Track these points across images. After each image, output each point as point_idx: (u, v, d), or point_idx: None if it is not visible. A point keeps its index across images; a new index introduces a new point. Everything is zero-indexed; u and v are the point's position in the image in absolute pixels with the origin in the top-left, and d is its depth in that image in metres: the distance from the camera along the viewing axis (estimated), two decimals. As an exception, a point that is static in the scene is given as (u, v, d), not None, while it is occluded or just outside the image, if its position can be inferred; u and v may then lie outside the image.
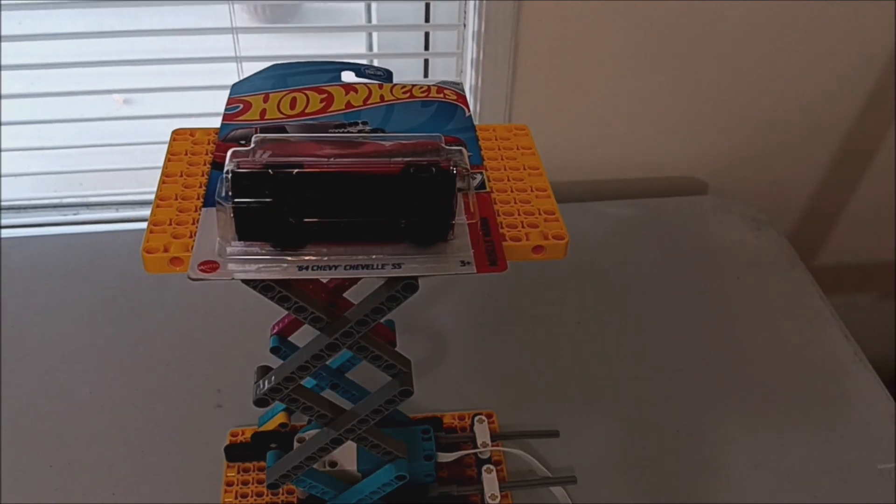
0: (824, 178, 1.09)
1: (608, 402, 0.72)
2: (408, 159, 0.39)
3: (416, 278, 0.42)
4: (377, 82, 0.49)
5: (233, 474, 0.64)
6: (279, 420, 0.64)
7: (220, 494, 0.63)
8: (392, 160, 0.39)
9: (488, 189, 0.44)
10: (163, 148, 0.46)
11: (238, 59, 0.85)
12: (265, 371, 0.48)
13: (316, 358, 0.45)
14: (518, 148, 0.48)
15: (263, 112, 0.46)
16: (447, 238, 0.40)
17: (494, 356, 0.76)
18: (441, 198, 0.39)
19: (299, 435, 0.61)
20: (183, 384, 0.72)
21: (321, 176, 0.38)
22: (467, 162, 0.40)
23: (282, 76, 0.48)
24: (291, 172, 0.38)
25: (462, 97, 0.48)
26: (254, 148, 0.39)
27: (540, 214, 0.43)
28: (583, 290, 0.84)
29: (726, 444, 0.69)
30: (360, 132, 0.45)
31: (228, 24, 0.84)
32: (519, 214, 0.43)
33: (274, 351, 0.58)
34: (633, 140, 1.01)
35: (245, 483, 0.64)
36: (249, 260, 0.39)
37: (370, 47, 0.96)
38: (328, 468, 0.57)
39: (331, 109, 0.46)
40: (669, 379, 0.74)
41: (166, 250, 0.39)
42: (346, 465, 0.58)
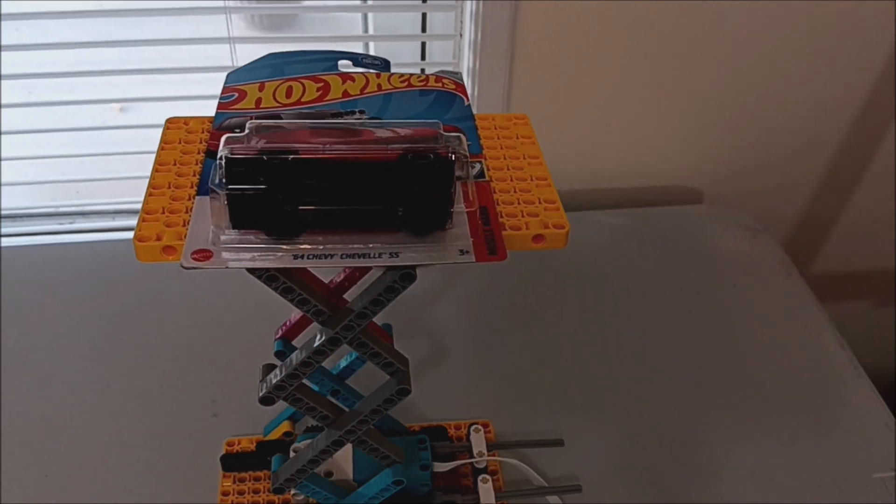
0: (819, 187, 1.09)
1: (605, 410, 0.71)
2: (405, 146, 0.38)
3: (414, 268, 0.41)
4: (374, 71, 0.48)
5: (229, 484, 0.64)
6: (284, 429, 0.64)
7: (216, 504, 0.62)
8: (389, 147, 0.38)
9: (487, 178, 0.43)
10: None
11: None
12: (270, 369, 0.47)
13: (318, 353, 0.44)
14: (518, 137, 0.47)
15: (259, 101, 0.45)
16: (446, 227, 0.40)
17: (492, 364, 0.76)
18: (439, 185, 0.39)
19: (295, 445, 0.60)
20: (179, 393, 0.71)
21: (317, 162, 0.37)
22: (466, 149, 0.39)
23: (278, 65, 0.47)
24: (286, 158, 0.37)
25: (461, 86, 0.48)
26: (248, 134, 0.38)
27: (540, 203, 0.43)
28: (580, 299, 0.83)
29: (722, 452, 0.68)
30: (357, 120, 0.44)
31: (225, 34, 0.84)
32: (519, 203, 0.42)
33: (278, 355, 0.58)
34: (630, 149, 1.01)
35: (241, 493, 0.63)
36: (244, 248, 0.38)
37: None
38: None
39: (327, 98, 0.45)
40: (666, 387, 0.74)
41: (159, 238, 0.38)
42: (343, 475, 0.58)
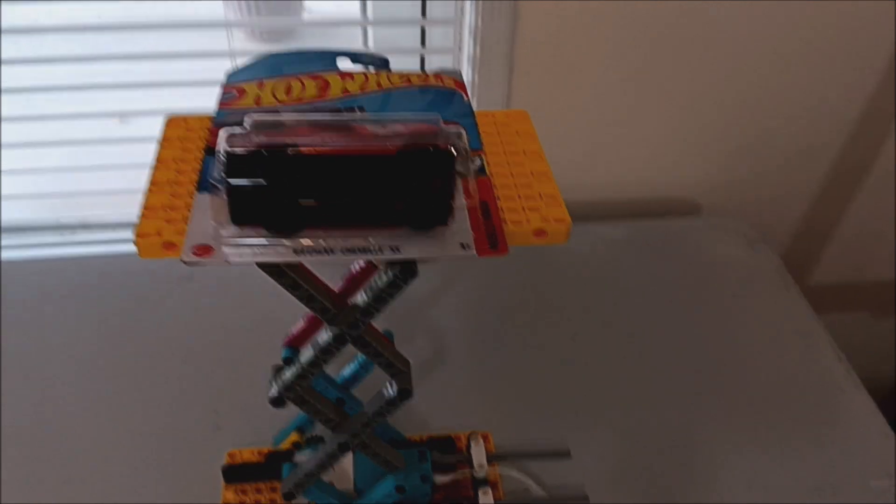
0: (817, 198, 1.09)
1: (605, 420, 0.71)
2: (405, 140, 0.38)
3: (416, 263, 0.41)
4: (374, 69, 0.48)
5: (230, 495, 0.63)
6: (292, 439, 0.64)
7: (218, 515, 0.62)
8: (389, 141, 0.38)
9: (488, 173, 0.43)
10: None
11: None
12: (279, 370, 0.48)
13: (325, 352, 0.45)
14: (517, 133, 0.47)
15: (258, 99, 0.45)
16: (447, 221, 0.40)
17: (491, 374, 0.75)
18: (439, 179, 0.39)
19: (296, 457, 0.61)
20: (181, 406, 0.71)
21: (317, 157, 0.37)
22: (466, 142, 0.39)
23: (277, 64, 0.47)
24: (286, 153, 0.37)
25: (461, 84, 0.48)
26: (248, 130, 0.38)
27: (541, 198, 0.43)
28: (579, 311, 0.83)
29: (719, 462, 0.68)
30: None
31: (224, 47, 0.84)
32: (519, 198, 0.42)
33: (286, 362, 0.58)
34: (627, 161, 1.01)
35: (242, 504, 0.63)
36: (245, 244, 0.38)
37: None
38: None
39: (327, 96, 0.45)
40: (665, 397, 0.74)
41: (159, 234, 0.38)
42: (345, 485, 0.59)
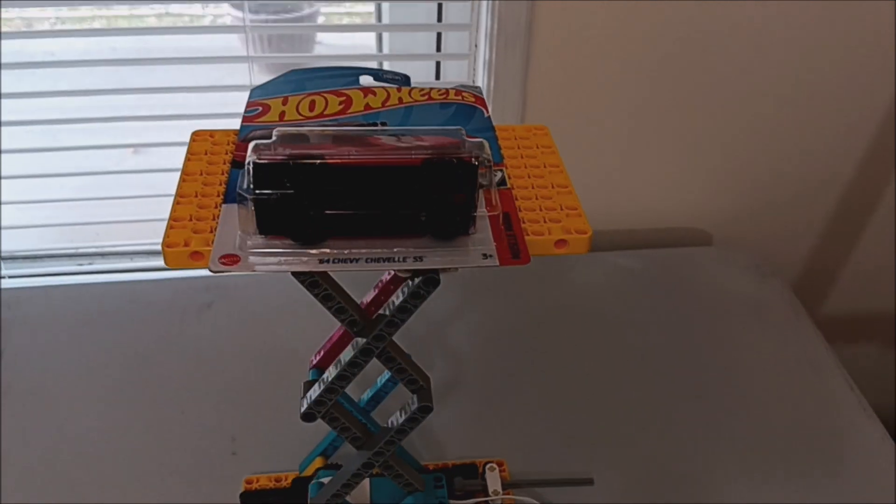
0: (827, 229, 1.09)
1: (613, 450, 0.71)
2: (429, 152, 0.39)
3: (438, 272, 0.41)
4: (395, 86, 0.49)
5: (248, 522, 0.63)
6: (317, 465, 0.65)
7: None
8: (413, 153, 0.39)
9: (509, 186, 0.44)
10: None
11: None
12: (310, 387, 0.49)
13: (352, 365, 0.46)
14: (538, 147, 0.47)
15: (282, 114, 0.46)
16: (469, 231, 0.40)
17: (503, 401, 0.76)
18: (463, 190, 0.39)
19: (311, 483, 0.62)
20: (197, 432, 0.71)
21: (343, 167, 0.38)
22: (489, 153, 0.39)
23: (300, 80, 0.48)
24: (313, 164, 0.38)
25: (480, 99, 0.48)
26: (275, 142, 0.39)
27: (562, 210, 0.43)
28: (589, 339, 0.83)
29: (729, 492, 0.68)
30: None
31: (243, 81, 0.85)
32: (541, 210, 0.43)
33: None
34: (639, 192, 1.02)
35: (259, 532, 0.63)
36: (270, 253, 0.39)
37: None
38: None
39: (350, 111, 0.46)
40: (676, 428, 0.74)
41: (186, 245, 0.39)
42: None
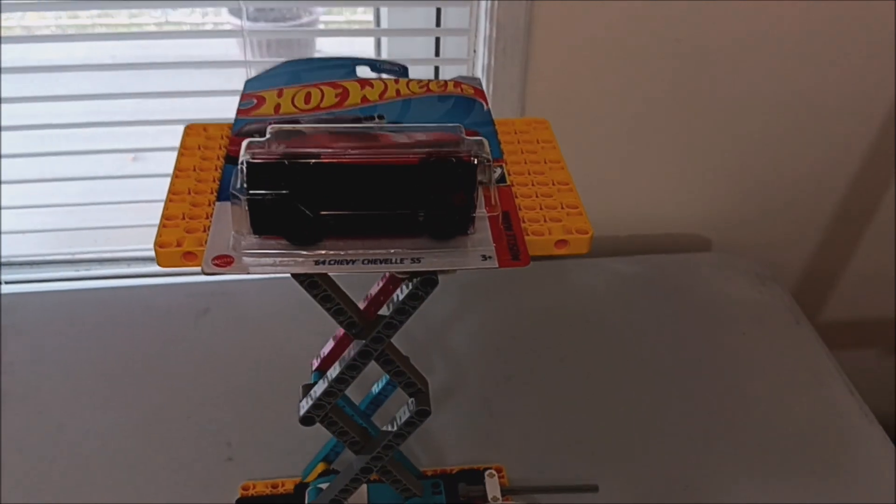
0: (827, 235, 1.08)
1: (613, 457, 0.71)
2: (427, 150, 0.38)
3: (436, 273, 0.41)
4: (393, 77, 0.48)
5: (245, 528, 0.63)
6: (319, 470, 0.64)
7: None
8: (411, 151, 0.38)
9: (509, 183, 0.43)
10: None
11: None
12: (308, 389, 0.48)
13: (351, 368, 0.45)
14: (538, 142, 0.47)
15: (277, 107, 0.45)
16: (468, 232, 0.39)
17: (502, 408, 0.75)
18: (461, 189, 0.38)
19: (309, 489, 0.61)
20: (194, 437, 0.71)
21: (338, 167, 0.37)
22: (488, 152, 0.39)
23: (295, 72, 0.47)
24: (308, 163, 0.37)
25: (480, 91, 0.48)
26: (269, 139, 0.38)
27: (563, 208, 0.42)
28: (587, 345, 0.83)
29: (732, 498, 0.67)
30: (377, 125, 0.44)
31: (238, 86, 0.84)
32: (541, 209, 0.42)
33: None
34: (637, 197, 1.01)
35: (255, 538, 0.63)
36: (265, 254, 0.38)
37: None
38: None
39: (346, 104, 0.45)
40: (675, 434, 0.73)
41: (179, 245, 0.38)
42: None
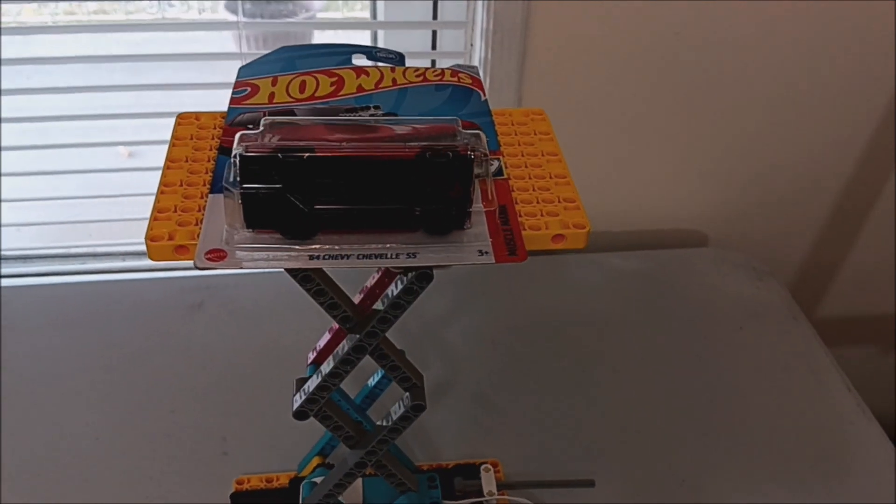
0: (825, 230, 1.08)
1: (609, 453, 0.70)
2: (423, 144, 0.37)
3: (432, 268, 0.40)
4: (389, 66, 0.47)
5: (239, 523, 0.62)
6: (315, 463, 0.64)
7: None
8: (407, 144, 0.37)
9: (506, 176, 0.43)
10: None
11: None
12: (303, 383, 0.47)
13: (344, 362, 0.44)
14: (536, 133, 0.46)
15: (272, 96, 0.44)
16: (464, 226, 0.39)
17: (498, 403, 0.75)
18: (458, 184, 0.38)
19: (304, 483, 0.60)
20: (188, 432, 0.70)
21: (333, 160, 0.37)
22: (485, 146, 0.38)
23: (290, 59, 0.46)
24: (302, 157, 0.36)
25: (477, 81, 0.47)
26: (263, 131, 0.38)
27: (560, 202, 0.42)
28: (583, 340, 0.82)
29: (728, 496, 0.67)
30: (373, 116, 0.43)
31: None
32: (538, 202, 0.41)
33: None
34: (634, 193, 1.01)
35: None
36: (259, 249, 0.37)
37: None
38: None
39: (341, 93, 0.44)
40: (672, 430, 0.73)
41: (171, 238, 0.37)
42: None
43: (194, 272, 0.83)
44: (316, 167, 0.36)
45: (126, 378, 0.75)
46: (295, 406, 0.47)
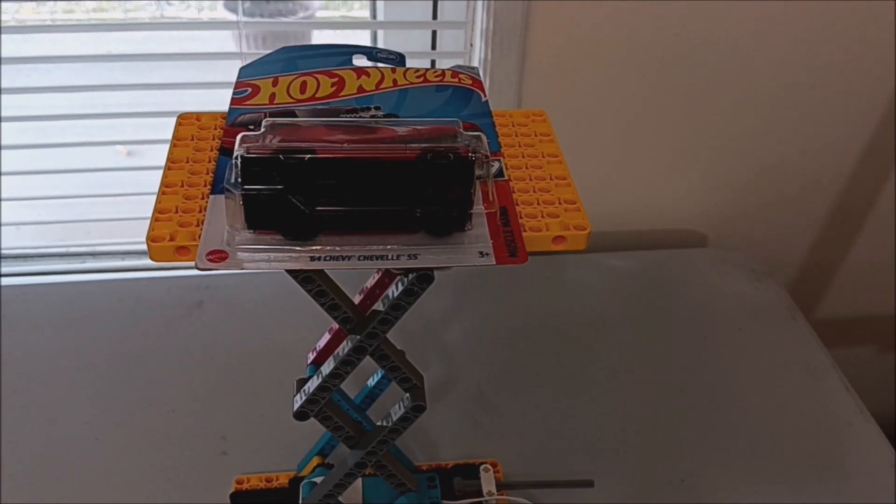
0: (824, 231, 1.08)
1: (609, 453, 0.70)
2: (424, 145, 0.37)
3: (432, 269, 0.40)
4: (390, 66, 0.47)
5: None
6: (314, 463, 0.64)
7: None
8: (408, 146, 0.37)
9: (506, 177, 0.43)
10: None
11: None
12: (303, 384, 0.47)
13: (345, 363, 0.44)
14: (536, 134, 0.46)
15: (273, 96, 0.44)
16: (465, 228, 0.39)
17: (498, 404, 0.75)
18: (459, 185, 0.38)
19: (303, 483, 0.60)
20: (188, 431, 0.70)
21: (334, 162, 0.37)
22: (486, 148, 0.38)
23: (291, 59, 0.46)
24: (303, 158, 0.36)
25: (478, 81, 0.47)
26: (264, 133, 0.38)
27: (560, 204, 0.42)
28: (582, 340, 0.82)
29: (726, 496, 0.67)
30: (373, 117, 0.43)
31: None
32: (538, 204, 0.41)
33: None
34: (634, 193, 1.01)
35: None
36: (260, 250, 0.37)
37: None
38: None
39: (342, 94, 0.44)
40: (670, 430, 0.73)
41: (172, 239, 0.37)
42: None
43: (194, 272, 0.83)
44: (317, 169, 0.36)
45: (125, 377, 0.75)
46: (295, 407, 0.47)
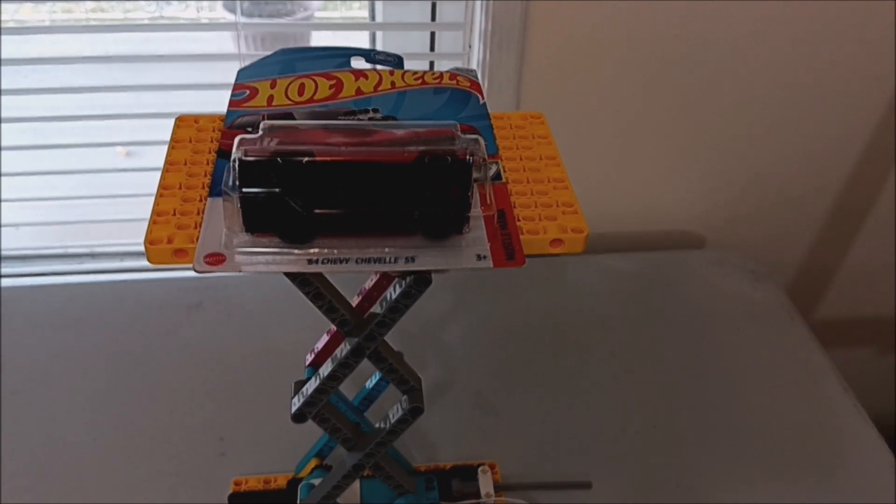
0: (822, 232, 1.08)
1: (608, 454, 0.70)
2: (422, 148, 0.37)
3: (430, 272, 0.40)
4: (388, 68, 0.47)
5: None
6: (313, 465, 0.64)
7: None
8: (406, 149, 0.37)
9: (504, 180, 0.43)
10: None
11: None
12: (301, 386, 0.47)
13: (343, 366, 0.44)
14: (534, 137, 0.46)
15: (271, 98, 0.44)
16: (463, 230, 0.39)
17: (496, 406, 0.75)
18: (457, 188, 0.38)
19: (301, 485, 0.61)
20: (186, 432, 0.70)
21: (332, 165, 0.37)
22: (484, 151, 0.38)
23: (289, 61, 0.46)
24: (301, 161, 0.36)
25: (476, 84, 0.47)
26: (262, 135, 0.37)
27: (558, 206, 0.42)
28: (581, 342, 0.82)
29: (725, 497, 0.67)
30: (371, 119, 0.43)
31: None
32: (536, 206, 0.41)
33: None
34: (632, 194, 1.01)
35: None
36: (258, 252, 0.37)
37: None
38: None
39: (340, 96, 0.44)
40: (668, 432, 0.73)
41: (170, 241, 0.37)
42: None
43: (193, 273, 0.83)
44: (315, 171, 0.36)
45: (124, 378, 0.75)
46: (293, 409, 0.47)
